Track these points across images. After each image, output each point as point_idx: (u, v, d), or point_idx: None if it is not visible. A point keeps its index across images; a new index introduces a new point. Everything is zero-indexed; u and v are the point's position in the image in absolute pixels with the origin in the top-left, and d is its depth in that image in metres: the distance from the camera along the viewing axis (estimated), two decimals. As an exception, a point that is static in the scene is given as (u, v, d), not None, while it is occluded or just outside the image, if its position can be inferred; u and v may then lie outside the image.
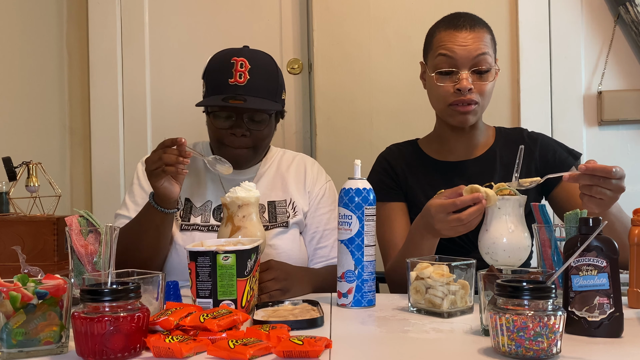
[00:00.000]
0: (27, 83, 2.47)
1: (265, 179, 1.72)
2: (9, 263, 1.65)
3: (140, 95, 2.69)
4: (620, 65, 2.39)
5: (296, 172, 1.75)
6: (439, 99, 1.62)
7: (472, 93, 1.57)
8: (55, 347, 0.99)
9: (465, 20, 1.61)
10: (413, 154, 1.75)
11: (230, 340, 0.96)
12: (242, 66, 1.58)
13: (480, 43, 1.57)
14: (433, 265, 1.25)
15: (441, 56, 1.59)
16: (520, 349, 0.93)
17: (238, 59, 1.59)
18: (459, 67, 1.57)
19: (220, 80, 1.59)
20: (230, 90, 1.57)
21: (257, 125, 1.61)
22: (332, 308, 1.33)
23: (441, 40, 1.60)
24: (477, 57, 1.57)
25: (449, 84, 1.58)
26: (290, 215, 1.67)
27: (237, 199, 1.40)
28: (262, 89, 1.60)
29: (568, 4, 2.40)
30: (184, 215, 1.66)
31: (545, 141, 1.71)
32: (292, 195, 1.70)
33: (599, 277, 1.07)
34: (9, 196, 1.86)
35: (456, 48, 1.57)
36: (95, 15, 2.69)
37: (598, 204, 1.28)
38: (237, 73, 1.58)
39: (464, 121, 1.61)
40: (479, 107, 1.61)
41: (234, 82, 1.57)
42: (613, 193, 1.26)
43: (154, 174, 1.44)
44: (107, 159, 2.70)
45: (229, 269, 1.19)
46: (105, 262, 1.07)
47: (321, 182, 1.75)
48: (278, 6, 2.62)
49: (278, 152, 1.81)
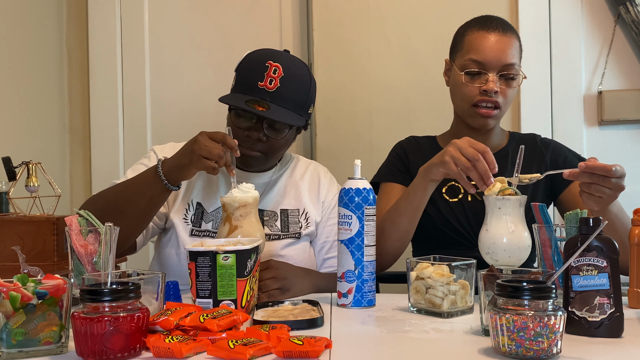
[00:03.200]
0: (27, 83, 2.47)
1: (279, 186, 1.70)
2: (9, 263, 1.65)
3: (140, 95, 2.69)
4: (621, 65, 2.39)
5: (310, 182, 1.73)
6: (464, 99, 1.65)
7: (497, 96, 1.61)
8: (55, 347, 0.99)
9: (497, 23, 1.64)
10: (430, 147, 1.77)
11: (230, 340, 0.96)
12: (275, 72, 1.54)
13: (510, 49, 1.61)
14: (433, 265, 1.25)
15: (471, 57, 1.62)
16: (521, 349, 0.93)
17: (273, 63, 1.55)
18: (488, 70, 1.61)
19: (250, 80, 1.55)
20: (257, 93, 1.53)
21: (275, 133, 1.57)
22: (332, 308, 1.33)
23: (472, 42, 1.63)
24: (506, 64, 1.60)
25: (476, 85, 1.61)
26: (302, 226, 1.66)
27: (234, 200, 1.40)
28: (290, 100, 1.55)
29: (568, 4, 2.40)
30: (195, 220, 1.62)
31: (557, 147, 1.75)
32: (306, 205, 1.69)
33: (599, 277, 1.07)
34: (8, 196, 1.86)
35: (487, 51, 1.60)
36: (95, 15, 2.69)
37: (597, 201, 1.28)
38: (268, 78, 1.53)
39: (485, 124, 1.65)
40: (500, 112, 1.65)
41: (262, 86, 1.53)
42: (612, 192, 1.27)
43: (201, 163, 1.39)
44: (107, 159, 2.70)
45: (228, 269, 1.19)
46: (105, 262, 1.07)
47: (333, 192, 1.74)
48: (278, 6, 2.62)
49: (292, 159, 1.79)
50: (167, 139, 1.89)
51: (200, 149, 1.39)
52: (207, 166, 1.40)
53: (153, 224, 1.62)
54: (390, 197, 1.67)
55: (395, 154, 1.80)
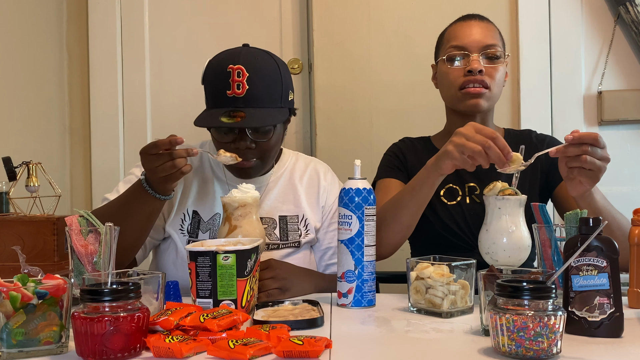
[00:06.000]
0: (27, 83, 2.46)
1: (277, 191, 1.65)
2: (9, 263, 1.65)
3: (140, 95, 2.69)
4: (620, 65, 2.39)
5: (309, 184, 1.68)
6: (450, 85, 1.65)
7: (482, 75, 1.61)
8: (55, 347, 0.99)
9: (474, 14, 1.69)
10: (424, 147, 1.78)
11: (230, 340, 0.96)
12: (239, 75, 1.46)
13: (489, 32, 1.65)
14: (433, 265, 1.25)
15: (452, 44, 1.65)
16: (521, 349, 0.93)
17: (234, 67, 1.47)
18: (470, 51, 1.62)
19: (217, 91, 1.49)
20: (229, 103, 1.47)
21: (262, 136, 1.51)
22: (332, 308, 1.33)
23: (451, 32, 1.68)
24: (487, 45, 1.62)
25: (460, 68, 1.63)
26: (302, 234, 1.63)
27: (234, 200, 1.40)
28: (264, 97, 1.48)
29: (568, 4, 2.40)
30: (191, 230, 1.59)
31: (552, 141, 1.74)
32: (305, 211, 1.64)
33: (599, 277, 1.07)
34: (9, 196, 1.86)
35: (466, 35, 1.64)
36: (95, 15, 2.69)
37: (589, 175, 1.27)
38: (234, 84, 1.46)
39: (476, 104, 1.62)
40: (490, 93, 1.63)
41: (232, 94, 1.46)
42: (601, 163, 1.26)
43: (168, 178, 1.36)
44: (107, 159, 2.70)
45: (229, 269, 1.19)
46: (105, 262, 1.07)
47: (334, 195, 1.68)
48: (278, 6, 2.62)
49: (291, 158, 1.73)
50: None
51: (154, 173, 1.35)
52: (175, 178, 1.37)
53: (151, 237, 1.59)
54: (388, 191, 1.65)
55: (391, 152, 1.79)
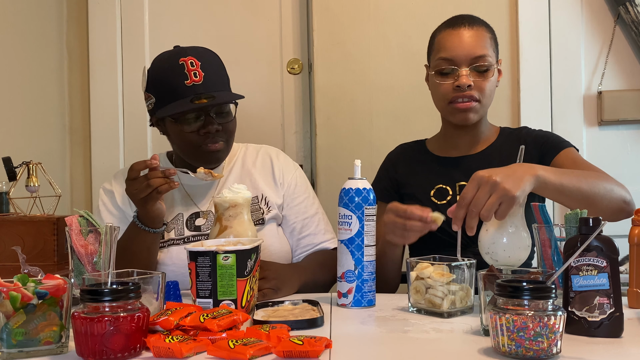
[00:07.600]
0: (27, 83, 2.47)
1: (232, 179, 1.69)
2: (9, 263, 1.65)
3: (140, 95, 2.66)
4: (620, 65, 2.39)
5: (262, 166, 1.72)
6: (440, 98, 1.65)
7: (471, 89, 1.59)
8: (55, 347, 0.99)
9: (464, 19, 1.64)
10: (417, 152, 1.78)
11: (230, 340, 0.96)
12: (192, 65, 1.54)
13: (479, 42, 1.60)
14: (433, 265, 1.25)
15: (441, 56, 1.62)
16: (520, 349, 0.93)
17: (185, 58, 1.55)
18: (459, 65, 1.60)
19: (175, 85, 1.54)
20: (191, 91, 1.53)
21: (225, 117, 1.59)
22: (332, 308, 1.33)
23: (440, 41, 1.64)
24: (476, 57, 1.59)
25: (449, 82, 1.61)
26: (264, 211, 1.65)
27: (224, 200, 1.41)
28: (219, 82, 1.58)
29: (568, 4, 2.40)
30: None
31: (542, 131, 1.73)
32: (263, 190, 1.68)
33: (599, 277, 1.07)
34: (9, 196, 1.87)
35: (455, 47, 1.60)
36: (95, 15, 2.69)
37: (501, 210, 1.21)
38: (191, 73, 1.53)
39: (465, 119, 1.63)
40: (480, 106, 1.62)
41: (191, 83, 1.53)
42: (494, 199, 1.20)
43: (147, 199, 1.41)
44: (107, 159, 2.70)
45: (229, 269, 1.19)
46: (105, 262, 1.07)
47: (291, 172, 1.73)
48: (278, 6, 2.62)
49: (240, 148, 1.77)
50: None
51: (137, 195, 1.42)
52: (153, 199, 1.42)
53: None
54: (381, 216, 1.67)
55: (384, 169, 1.81)
